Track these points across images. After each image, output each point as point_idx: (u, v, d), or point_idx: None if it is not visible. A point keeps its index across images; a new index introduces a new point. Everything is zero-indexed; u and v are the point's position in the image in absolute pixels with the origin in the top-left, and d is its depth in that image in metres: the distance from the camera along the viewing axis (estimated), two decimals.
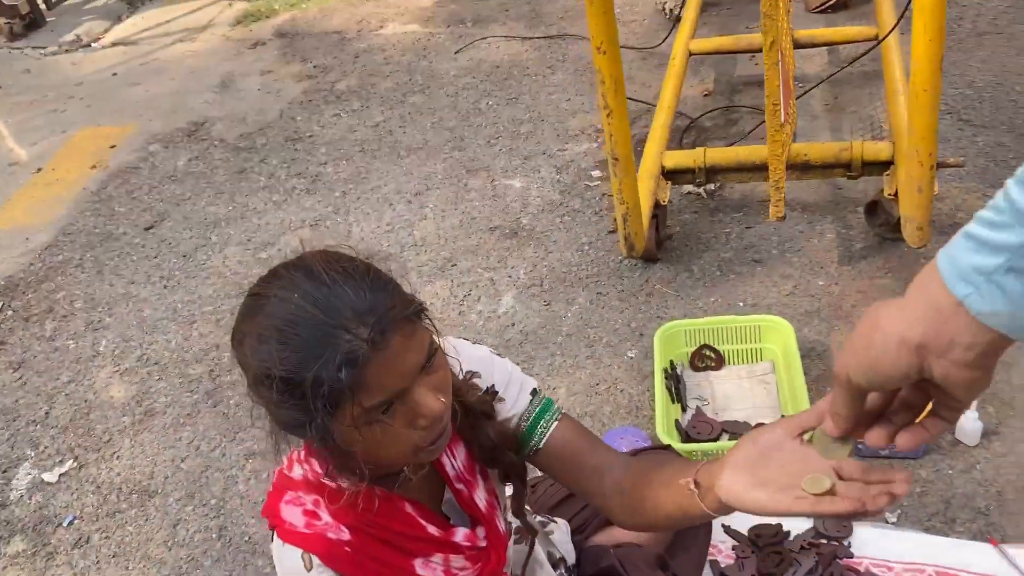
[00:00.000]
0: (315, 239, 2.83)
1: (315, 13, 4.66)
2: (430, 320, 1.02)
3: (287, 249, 2.88)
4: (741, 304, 2.33)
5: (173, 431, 2.30)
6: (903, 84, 2.54)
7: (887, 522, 1.73)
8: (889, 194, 2.27)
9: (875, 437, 0.76)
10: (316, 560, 1.08)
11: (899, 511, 1.74)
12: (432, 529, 1.17)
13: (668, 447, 1.72)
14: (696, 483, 1.03)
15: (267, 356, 0.94)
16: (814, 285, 2.33)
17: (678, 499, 1.06)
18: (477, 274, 2.62)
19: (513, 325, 2.42)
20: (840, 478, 0.88)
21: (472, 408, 1.18)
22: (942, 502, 1.74)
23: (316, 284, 0.95)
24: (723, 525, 1.75)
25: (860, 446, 1.84)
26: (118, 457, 2.26)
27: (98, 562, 2.00)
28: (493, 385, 1.23)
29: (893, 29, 2.53)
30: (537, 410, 1.23)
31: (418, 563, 1.15)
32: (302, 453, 1.12)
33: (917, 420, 0.76)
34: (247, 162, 3.43)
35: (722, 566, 1.68)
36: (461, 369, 1.20)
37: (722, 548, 1.73)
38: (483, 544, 1.23)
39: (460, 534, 1.20)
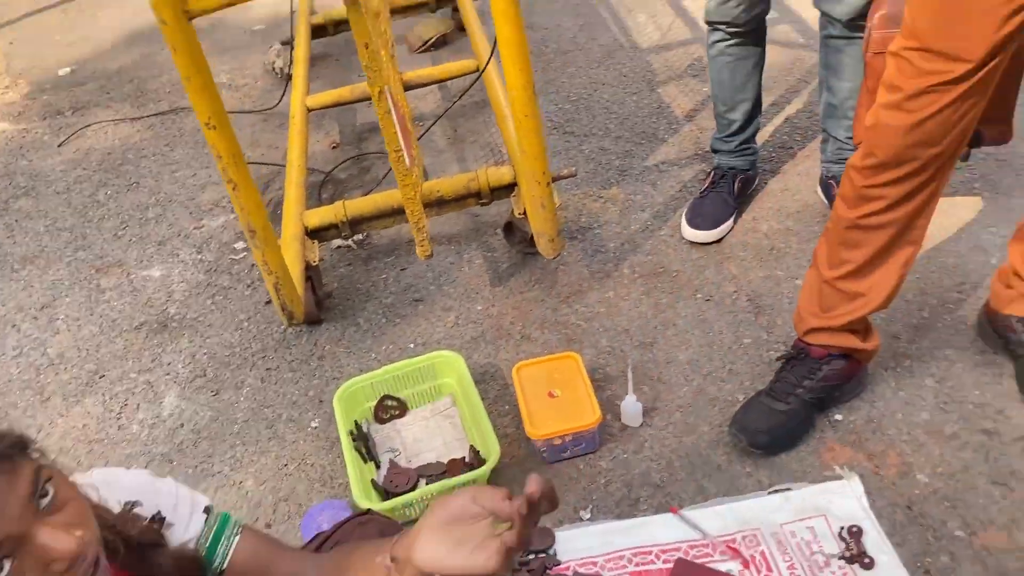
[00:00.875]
0: None
1: None
2: (39, 451, 0.90)
3: None
4: (412, 346, 2.36)
5: None
6: (509, 110, 2.73)
7: (582, 519, 1.83)
8: (519, 213, 2.42)
9: None
10: None
11: (591, 507, 1.85)
12: None
13: (368, 511, 1.70)
14: (392, 558, 1.01)
15: None
16: (474, 311, 2.43)
17: None
18: (131, 380, 2.40)
19: (182, 426, 2.25)
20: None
21: (138, 541, 1.07)
22: (624, 486, 1.88)
23: None
24: None
25: (544, 454, 1.94)
26: None
27: None
28: (159, 511, 1.13)
29: (488, 61, 2.72)
30: (215, 529, 1.15)
31: None
32: None
33: None
34: None
35: None
36: (119, 501, 1.09)
37: None
38: None
39: None
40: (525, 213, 2.40)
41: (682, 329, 2.23)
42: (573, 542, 1.78)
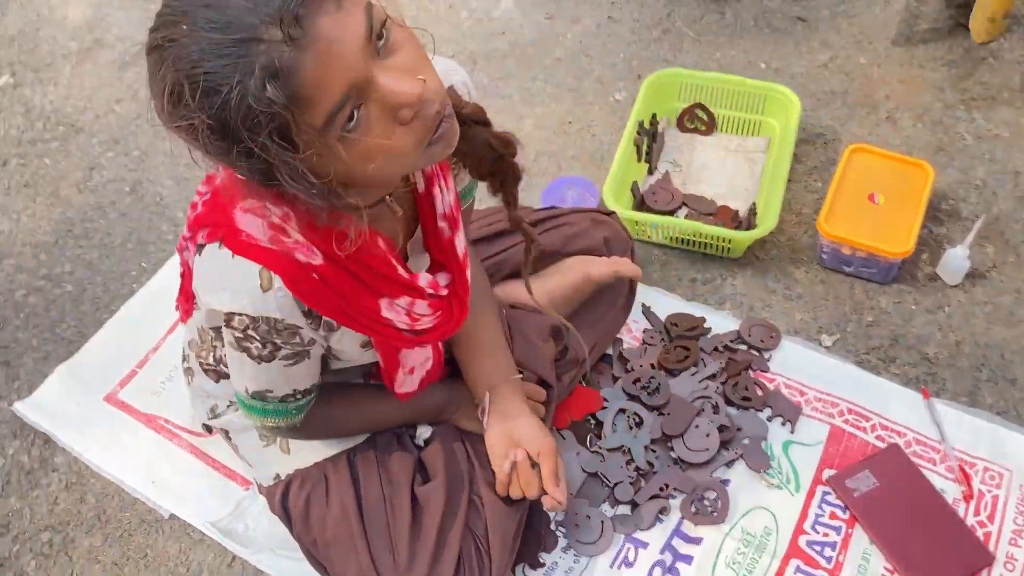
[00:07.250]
0: None
1: None
2: None
3: None
4: (763, 65, 2.00)
5: (117, 69, 2.13)
6: None
7: (821, 344, 1.55)
8: None
9: None
10: (278, 281, 0.91)
11: (838, 336, 1.55)
12: (401, 270, 1.01)
13: (612, 213, 1.53)
14: (482, 411, 1.24)
15: (189, 112, 0.74)
16: (853, 62, 1.98)
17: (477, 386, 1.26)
18: None
19: (504, 34, 2.12)
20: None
21: (465, 119, 0.96)
22: (890, 338, 1.54)
23: (200, 3, 0.73)
24: (644, 305, 1.58)
25: (824, 256, 1.62)
26: (55, 83, 2.11)
27: (8, 189, 1.91)
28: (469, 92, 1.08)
29: None
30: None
31: (384, 303, 1.01)
32: None
33: None
34: None
35: (624, 347, 1.53)
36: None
37: (633, 330, 1.57)
38: (444, 292, 1.09)
39: (423, 279, 1.05)
40: None
41: None
42: (795, 359, 1.52)
